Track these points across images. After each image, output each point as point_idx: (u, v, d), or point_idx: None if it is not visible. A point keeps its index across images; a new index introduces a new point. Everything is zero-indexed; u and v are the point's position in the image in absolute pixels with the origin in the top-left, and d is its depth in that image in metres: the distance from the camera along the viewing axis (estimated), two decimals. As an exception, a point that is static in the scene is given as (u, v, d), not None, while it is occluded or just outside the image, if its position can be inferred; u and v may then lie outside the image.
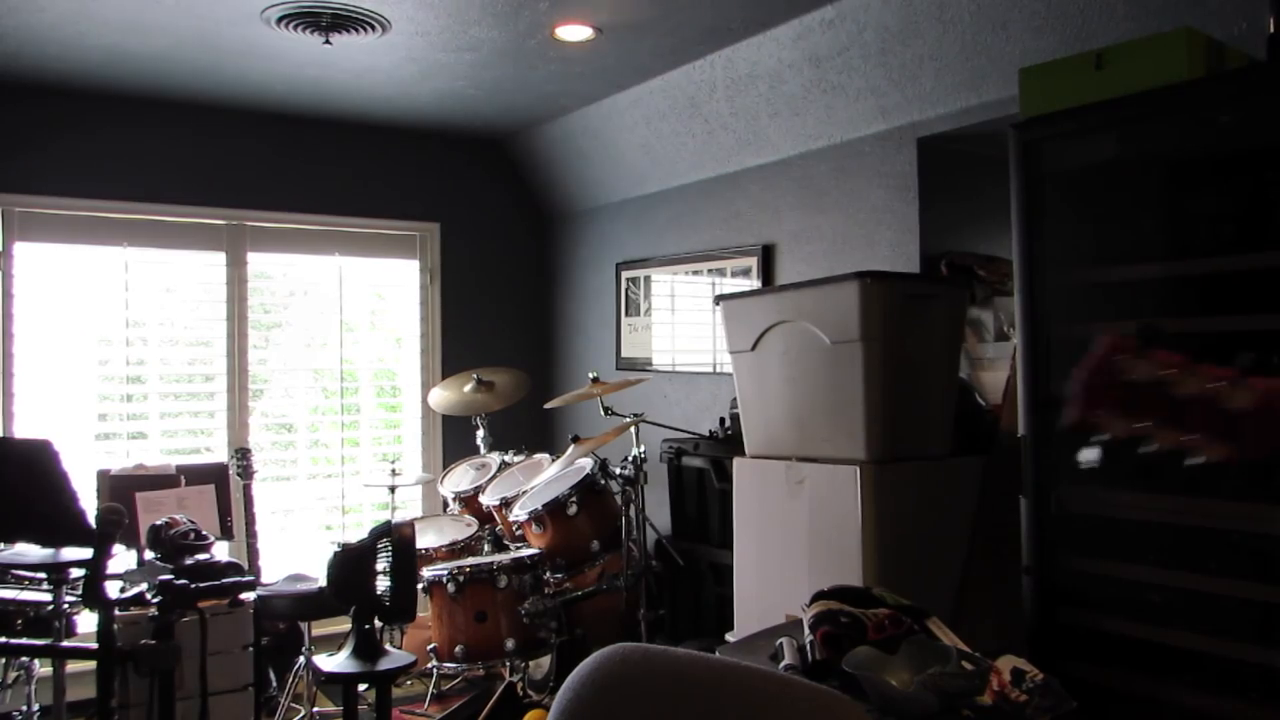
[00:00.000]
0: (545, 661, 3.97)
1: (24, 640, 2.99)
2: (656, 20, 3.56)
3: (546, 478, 4.01)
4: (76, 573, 3.01)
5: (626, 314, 5.15)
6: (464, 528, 4.26)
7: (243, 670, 3.37)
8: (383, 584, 2.66)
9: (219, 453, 4.73)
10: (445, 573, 3.65)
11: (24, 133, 4.38)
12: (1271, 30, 2.11)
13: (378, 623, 2.75)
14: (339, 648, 2.80)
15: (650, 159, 4.78)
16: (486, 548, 4.18)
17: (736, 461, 3.16)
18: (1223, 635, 2.11)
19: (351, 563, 2.70)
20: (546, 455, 4.43)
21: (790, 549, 2.89)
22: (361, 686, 2.86)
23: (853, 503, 2.71)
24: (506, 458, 4.53)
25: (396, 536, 2.62)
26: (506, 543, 4.08)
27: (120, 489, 3.60)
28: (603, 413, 3.97)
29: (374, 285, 5.32)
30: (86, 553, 2.66)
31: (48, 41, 3.77)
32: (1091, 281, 2.43)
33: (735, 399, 3.21)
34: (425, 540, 4.10)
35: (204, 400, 4.84)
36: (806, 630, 2.08)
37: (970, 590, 2.90)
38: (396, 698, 3.56)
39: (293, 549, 4.77)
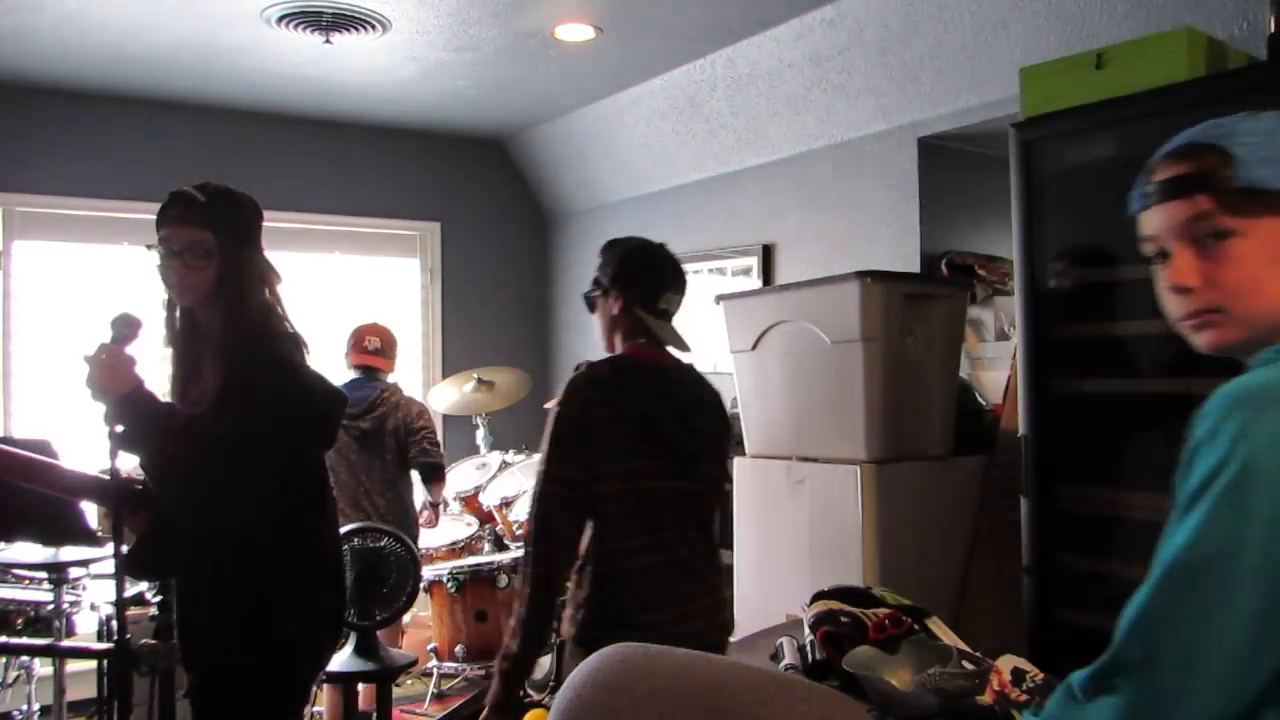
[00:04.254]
0: (545, 661, 3.97)
1: (24, 640, 2.99)
2: (656, 20, 3.56)
3: (546, 477, 4.00)
4: (76, 572, 3.01)
5: (626, 314, 5.14)
6: (464, 527, 4.26)
7: (243, 670, 3.36)
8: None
9: (219, 452, 4.72)
10: (445, 572, 3.65)
11: (24, 133, 4.38)
12: (1271, 30, 2.10)
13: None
14: (339, 647, 2.80)
15: (650, 158, 4.77)
16: (487, 547, 4.18)
17: (736, 461, 3.15)
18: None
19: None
20: (547, 455, 4.42)
21: (790, 549, 2.89)
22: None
23: (853, 503, 2.71)
24: (507, 457, 4.52)
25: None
26: (507, 542, 4.08)
27: (120, 489, 3.59)
28: (603, 412, 3.96)
29: (374, 285, 5.32)
30: (86, 552, 2.66)
31: (48, 42, 3.76)
32: (1091, 281, 2.43)
33: (735, 398, 3.20)
34: (425, 540, 4.09)
35: (204, 400, 4.83)
36: (806, 630, 2.07)
37: (970, 590, 2.90)
38: (396, 697, 3.55)
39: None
